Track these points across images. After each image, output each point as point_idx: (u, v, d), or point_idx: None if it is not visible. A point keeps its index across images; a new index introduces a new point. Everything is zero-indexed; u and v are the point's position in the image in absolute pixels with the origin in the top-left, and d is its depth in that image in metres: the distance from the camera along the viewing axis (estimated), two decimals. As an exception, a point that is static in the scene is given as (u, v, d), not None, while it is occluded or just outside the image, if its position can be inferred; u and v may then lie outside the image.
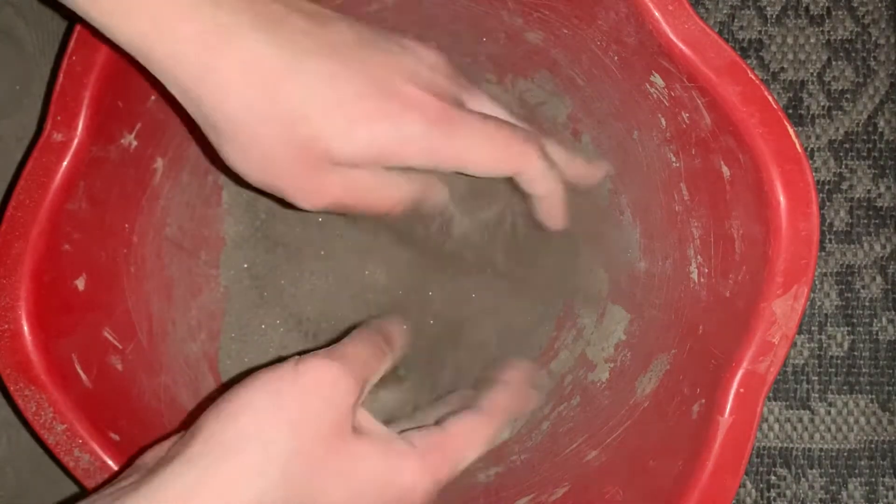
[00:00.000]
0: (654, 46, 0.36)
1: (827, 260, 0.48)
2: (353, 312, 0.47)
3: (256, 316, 0.46)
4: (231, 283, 0.46)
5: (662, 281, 0.43)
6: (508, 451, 0.46)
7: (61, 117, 0.35)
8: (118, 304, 0.40)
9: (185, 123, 0.43)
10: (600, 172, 0.43)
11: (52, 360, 0.36)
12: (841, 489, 0.48)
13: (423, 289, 0.47)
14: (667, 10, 0.35)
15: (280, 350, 0.46)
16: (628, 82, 0.40)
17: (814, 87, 0.49)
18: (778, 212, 0.34)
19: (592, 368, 0.45)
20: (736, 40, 0.49)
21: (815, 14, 0.49)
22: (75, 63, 0.35)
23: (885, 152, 0.49)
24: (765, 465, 0.48)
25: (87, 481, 0.36)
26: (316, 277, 0.47)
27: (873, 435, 0.48)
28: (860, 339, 0.48)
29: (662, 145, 0.41)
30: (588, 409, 0.44)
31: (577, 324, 0.47)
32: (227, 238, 0.46)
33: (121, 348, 0.40)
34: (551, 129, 0.47)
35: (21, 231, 0.35)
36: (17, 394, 0.35)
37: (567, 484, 0.42)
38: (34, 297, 0.35)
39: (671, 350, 0.41)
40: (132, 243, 0.41)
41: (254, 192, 0.47)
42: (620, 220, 0.45)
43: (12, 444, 0.47)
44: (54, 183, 0.35)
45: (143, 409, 0.40)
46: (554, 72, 0.44)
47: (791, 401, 0.48)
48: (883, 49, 0.49)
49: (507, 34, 0.43)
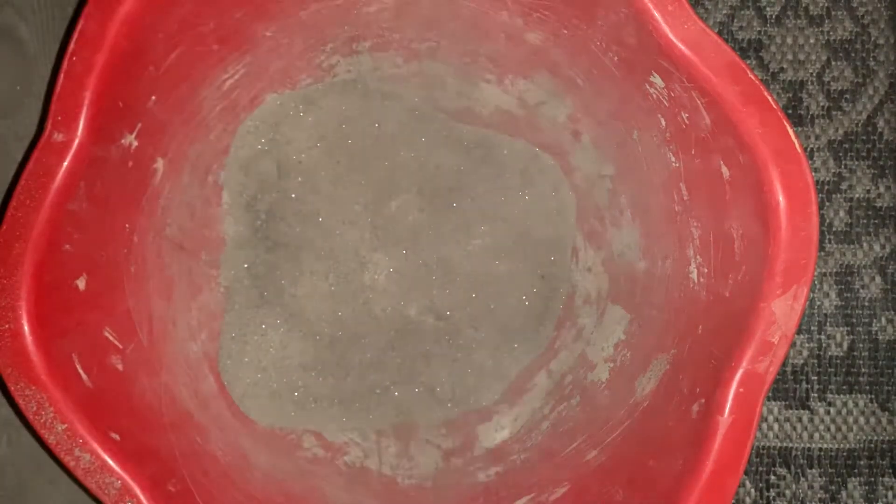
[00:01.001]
0: (654, 47, 0.36)
1: (826, 260, 0.48)
2: (353, 313, 0.47)
3: (257, 316, 0.46)
4: (231, 283, 0.46)
5: (662, 281, 0.43)
6: (508, 451, 0.46)
7: (62, 117, 0.35)
8: (119, 304, 0.40)
9: (185, 124, 0.43)
10: None
11: (52, 360, 0.36)
12: (840, 489, 0.48)
13: (424, 288, 0.47)
14: (666, 10, 0.35)
15: (280, 350, 0.46)
16: (628, 83, 0.40)
17: (813, 88, 0.49)
18: (777, 212, 0.35)
19: (592, 368, 0.46)
20: (735, 41, 0.49)
21: (814, 14, 0.49)
22: (76, 63, 0.35)
23: (884, 152, 0.49)
24: (764, 465, 0.48)
25: (88, 481, 0.36)
26: (316, 277, 0.47)
27: (872, 434, 0.48)
28: (859, 339, 0.48)
29: (662, 145, 0.41)
30: (588, 409, 0.44)
31: (577, 323, 0.47)
32: (227, 238, 0.47)
33: (121, 348, 0.40)
34: (551, 129, 0.47)
35: (22, 231, 0.35)
36: (18, 393, 0.35)
37: (567, 483, 0.42)
38: (35, 297, 0.35)
39: (671, 350, 0.41)
40: (133, 243, 0.41)
41: (254, 192, 0.47)
42: (620, 220, 0.45)
43: (13, 444, 0.47)
44: (55, 183, 0.35)
45: (143, 409, 0.40)
46: (554, 72, 0.44)
47: (790, 400, 0.48)
48: (882, 49, 0.49)
49: (507, 34, 0.43)
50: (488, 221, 0.47)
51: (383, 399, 0.47)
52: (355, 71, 0.47)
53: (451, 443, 0.46)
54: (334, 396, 0.46)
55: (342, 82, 0.47)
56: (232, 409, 0.45)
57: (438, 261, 0.47)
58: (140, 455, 0.37)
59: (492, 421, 0.47)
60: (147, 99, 0.40)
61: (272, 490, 0.42)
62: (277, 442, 0.45)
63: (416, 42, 0.46)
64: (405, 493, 0.45)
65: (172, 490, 0.37)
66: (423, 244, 0.47)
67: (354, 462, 0.46)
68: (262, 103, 0.46)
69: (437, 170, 0.47)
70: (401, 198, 0.47)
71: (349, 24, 0.44)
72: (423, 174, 0.47)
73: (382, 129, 0.47)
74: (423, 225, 0.47)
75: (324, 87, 0.47)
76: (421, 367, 0.47)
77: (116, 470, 0.36)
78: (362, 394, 0.47)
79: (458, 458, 0.46)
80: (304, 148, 0.47)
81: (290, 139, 0.47)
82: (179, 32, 0.39)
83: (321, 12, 0.43)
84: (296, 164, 0.47)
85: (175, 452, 0.39)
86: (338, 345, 0.47)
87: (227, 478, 0.41)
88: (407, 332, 0.47)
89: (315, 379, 0.46)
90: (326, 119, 0.47)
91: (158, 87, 0.40)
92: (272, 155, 0.47)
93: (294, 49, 0.45)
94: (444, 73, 0.47)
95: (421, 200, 0.47)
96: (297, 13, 0.43)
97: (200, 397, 0.44)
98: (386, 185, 0.47)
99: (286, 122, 0.47)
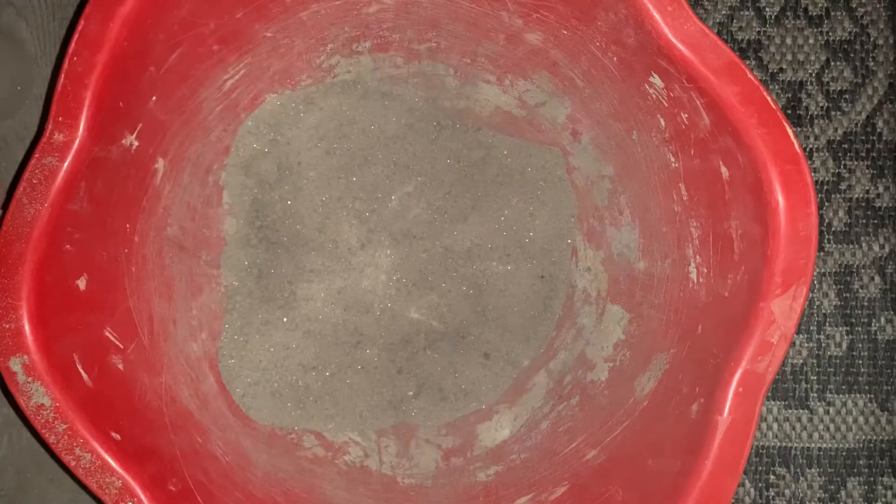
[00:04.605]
0: (654, 47, 0.36)
1: (825, 260, 0.49)
2: (353, 312, 0.47)
3: (257, 315, 0.46)
4: (232, 283, 0.46)
5: (661, 281, 0.43)
6: (508, 451, 0.46)
7: (63, 118, 0.35)
8: (119, 304, 0.41)
9: (185, 124, 0.43)
10: None
11: (53, 360, 0.36)
12: (839, 488, 0.48)
13: (424, 288, 0.47)
14: (666, 11, 0.35)
15: (281, 350, 0.46)
16: (627, 83, 0.40)
17: (812, 88, 0.49)
18: (777, 212, 0.35)
19: (592, 368, 0.46)
20: (735, 41, 0.49)
21: (813, 15, 0.49)
22: (77, 64, 0.35)
23: (883, 152, 0.49)
24: (764, 465, 0.48)
25: (89, 480, 0.36)
26: (316, 277, 0.47)
27: (872, 434, 0.48)
28: (859, 339, 0.48)
29: (661, 146, 0.41)
30: (587, 409, 0.45)
31: (577, 323, 0.47)
32: (227, 238, 0.47)
33: (122, 348, 0.40)
34: (551, 129, 0.47)
35: (22, 231, 0.35)
36: (19, 393, 0.35)
37: (566, 483, 0.42)
38: (36, 297, 0.36)
39: (670, 349, 0.41)
40: (133, 243, 0.41)
41: (255, 192, 0.47)
42: (620, 220, 0.45)
43: (13, 444, 0.48)
44: (56, 183, 0.36)
45: (144, 409, 0.40)
46: (553, 72, 0.44)
47: (790, 400, 0.48)
48: (881, 49, 0.49)
49: (507, 35, 0.43)
50: (488, 222, 0.47)
51: (383, 399, 0.47)
52: (355, 71, 0.47)
53: (450, 442, 0.46)
54: (335, 396, 0.46)
55: (342, 83, 0.47)
56: (232, 409, 0.45)
57: (438, 261, 0.47)
58: (141, 455, 0.37)
59: (492, 420, 0.47)
60: (148, 99, 0.40)
61: (272, 489, 0.42)
62: (278, 441, 0.45)
63: (416, 42, 0.46)
64: (405, 492, 0.45)
65: (173, 489, 0.37)
66: (423, 244, 0.47)
67: (354, 461, 0.46)
68: (263, 103, 0.46)
69: (437, 170, 0.47)
70: (401, 198, 0.47)
71: (349, 25, 0.44)
72: (422, 175, 0.47)
73: (382, 129, 0.47)
74: (423, 225, 0.47)
75: (324, 88, 0.47)
76: (421, 366, 0.47)
77: (117, 469, 0.36)
78: (362, 393, 0.47)
79: (458, 457, 0.46)
80: (304, 148, 0.47)
81: (291, 139, 0.47)
82: (180, 33, 0.39)
83: (321, 13, 0.43)
84: (296, 164, 0.47)
85: (175, 452, 0.39)
86: (338, 344, 0.47)
87: (227, 477, 0.41)
88: (407, 332, 0.47)
89: (315, 378, 0.46)
90: (326, 119, 0.47)
91: (159, 87, 0.40)
92: (272, 155, 0.47)
93: (294, 49, 0.45)
94: (444, 73, 0.47)
95: (421, 201, 0.47)
96: (297, 14, 0.43)
97: (201, 397, 0.44)
98: (386, 186, 0.47)
99: (286, 122, 0.47)
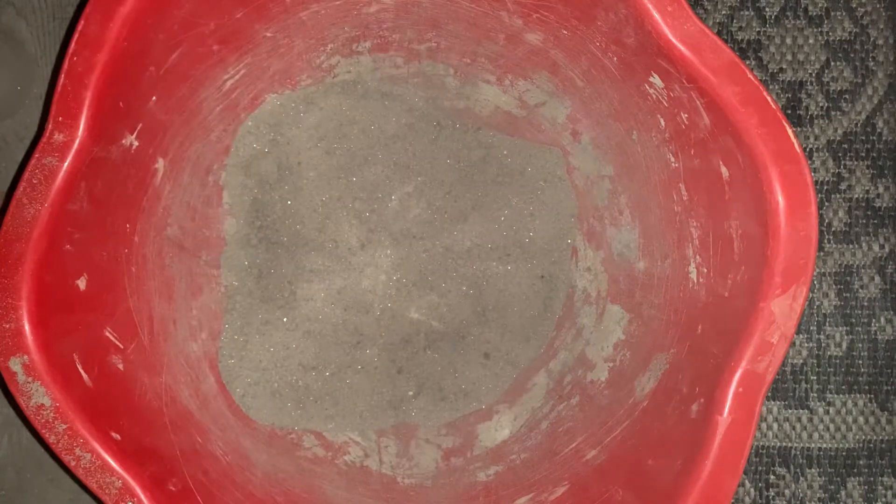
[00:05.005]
0: (654, 47, 0.36)
1: (825, 260, 0.49)
2: (353, 312, 0.47)
3: (257, 315, 0.46)
4: (232, 283, 0.46)
5: (661, 281, 0.43)
6: (508, 451, 0.46)
7: (63, 118, 0.35)
8: (119, 304, 0.41)
9: (185, 124, 0.43)
10: None
11: (53, 360, 0.36)
12: (839, 488, 0.48)
13: (424, 288, 0.47)
14: (666, 11, 0.35)
15: (281, 349, 0.46)
16: (627, 83, 0.40)
17: (812, 88, 0.49)
18: (777, 212, 0.35)
19: (592, 368, 0.46)
20: (735, 41, 0.49)
21: (813, 15, 0.49)
22: (77, 64, 0.35)
23: (883, 153, 0.49)
24: (764, 465, 0.48)
25: (89, 480, 0.36)
26: (316, 277, 0.47)
27: (872, 434, 0.48)
28: (859, 339, 0.48)
29: (661, 146, 0.41)
30: (587, 409, 0.45)
31: (577, 323, 0.47)
32: (227, 238, 0.47)
33: (122, 348, 0.40)
34: (551, 129, 0.47)
35: (23, 231, 0.35)
36: (19, 393, 0.35)
37: (566, 483, 0.42)
38: (36, 297, 0.36)
39: (670, 349, 0.41)
40: (133, 243, 0.41)
41: (255, 192, 0.47)
42: (620, 220, 0.45)
43: (13, 444, 0.48)
44: (56, 183, 0.36)
45: (144, 409, 0.40)
46: (553, 72, 0.44)
47: (790, 400, 0.48)
48: (881, 49, 0.49)
49: (507, 35, 0.43)
50: (488, 222, 0.47)
51: (383, 399, 0.47)
52: (355, 71, 0.47)
53: (451, 442, 0.46)
54: (335, 396, 0.46)
55: (342, 83, 0.47)
56: (232, 409, 0.45)
57: (438, 261, 0.47)
58: (141, 454, 0.37)
59: (492, 420, 0.47)
60: (148, 99, 0.40)
61: (272, 489, 0.42)
62: (278, 441, 0.45)
63: (416, 42, 0.46)
64: (405, 492, 0.45)
65: (173, 489, 0.37)
66: (423, 244, 0.47)
67: (354, 461, 0.46)
68: (263, 103, 0.46)
69: (437, 170, 0.47)
70: (401, 199, 0.47)
71: (349, 25, 0.44)
72: (422, 175, 0.47)
73: (382, 129, 0.47)
74: (422, 225, 0.47)
75: (324, 88, 0.47)
76: (421, 366, 0.47)
77: (117, 469, 0.36)
78: (362, 393, 0.47)
79: (458, 457, 0.46)
80: (304, 148, 0.47)
81: (291, 139, 0.47)
82: (180, 33, 0.39)
83: (321, 13, 0.43)
84: (296, 164, 0.47)
85: (175, 452, 0.39)
86: (338, 344, 0.47)
87: (227, 477, 0.41)
88: (406, 332, 0.47)
89: (315, 378, 0.46)
90: (326, 119, 0.47)
91: (159, 87, 0.40)
92: (272, 155, 0.47)
93: (294, 49, 0.45)
94: (444, 73, 0.47)
95: (421, 201, 0.47)
96: (297, 14, 0.43)
97: (201, 397, 0.44)
98: (386, 186, 0.47)
99: (286, 122, 0.47)
